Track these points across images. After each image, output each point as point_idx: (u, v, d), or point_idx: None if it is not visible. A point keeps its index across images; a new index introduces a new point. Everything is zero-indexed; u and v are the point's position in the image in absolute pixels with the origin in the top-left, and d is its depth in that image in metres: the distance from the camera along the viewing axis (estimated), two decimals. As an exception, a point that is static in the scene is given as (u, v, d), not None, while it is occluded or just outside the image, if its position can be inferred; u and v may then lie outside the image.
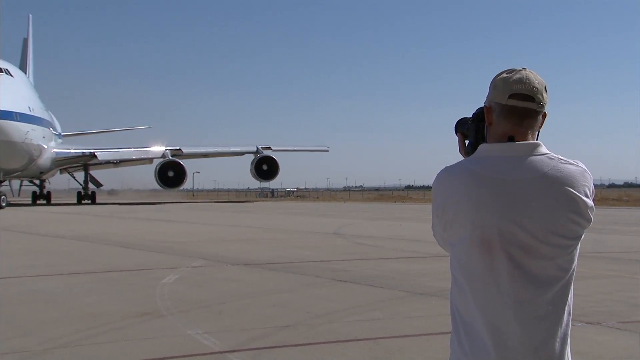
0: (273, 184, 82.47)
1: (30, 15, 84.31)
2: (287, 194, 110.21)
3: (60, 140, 72.69)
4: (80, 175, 67.88)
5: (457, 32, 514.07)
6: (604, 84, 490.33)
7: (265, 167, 55.87)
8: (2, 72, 44.99)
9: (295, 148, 75.74)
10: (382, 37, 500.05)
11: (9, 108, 42.92)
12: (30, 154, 48.19)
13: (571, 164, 2.48)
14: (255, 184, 62.43)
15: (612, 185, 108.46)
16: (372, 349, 7.31)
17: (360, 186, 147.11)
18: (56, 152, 54.48)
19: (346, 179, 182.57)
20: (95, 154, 55.20)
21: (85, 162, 59.12)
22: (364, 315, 9.16)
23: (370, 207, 54.65)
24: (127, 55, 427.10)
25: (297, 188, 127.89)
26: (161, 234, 24.65)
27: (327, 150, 74.20)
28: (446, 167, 2.61)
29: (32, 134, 46.15)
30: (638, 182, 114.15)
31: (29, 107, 45.89)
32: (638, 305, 9.42)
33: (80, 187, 65.27)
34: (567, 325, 2.47)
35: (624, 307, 9.59)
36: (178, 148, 64.02)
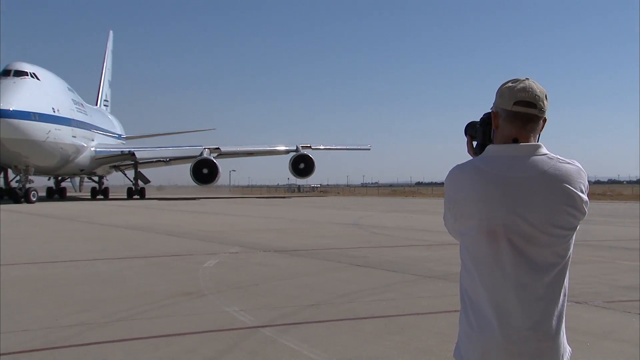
0: (307, 180, 74.48)
1: (111, 32, 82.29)
2: (312, 190, 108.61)
3: (120, 141, 71.14)
4: (131, 173, 65.25)
5: (465, 45, 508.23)
6: (589, 88, 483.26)
7: (302, 165, 52.48)
8: (28, 75, 43.18)
9: (336, 147, 68.04)
10: (397, 49, 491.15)
11: (24, 108, 40.74)
12: (59, 152, 45.96)
13: (568, 163, 2.52)
14: (283, 180, 59.86)
15: (597, 182, 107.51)
16: (386, 325, 7.31)
17: (376, 183, 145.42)
18: (95, 151, 52.29)
19: (363, 176, 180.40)
20: (134, 152, 53.30)
21: (122, 160, 56.55)
22: (379, 295, 9.23)
23: (385, 201, 54.22)
24: (187, 66, 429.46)
25: (320, 184, 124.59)
26: (203, 224, 24.74)
27: (369, 149, 67.22)
28: (457, 165, 2.65)
29: (55, 133, 43.85)
30: (620, 179, 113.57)
31: (53, 109, 43.50)
32: (621, 287, 9.48)
33: (131, 183, 62.98)
34: (562, 305, 2.51)
35: (609, 288, 9.66)
36: (217, 147, 61.06)
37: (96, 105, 73.94)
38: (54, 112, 43.43)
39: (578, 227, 2.52)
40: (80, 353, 6.29)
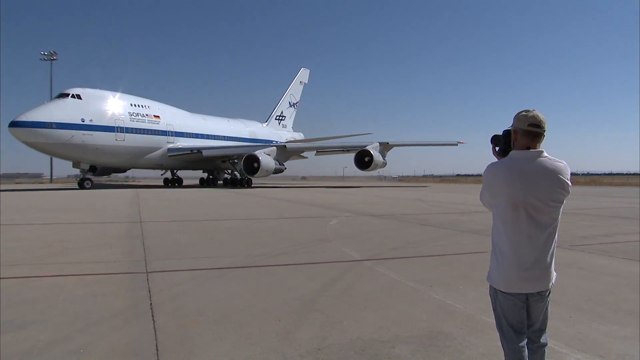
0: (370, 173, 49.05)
1: (302, 69, 67.87)
2: (393, 179, 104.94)
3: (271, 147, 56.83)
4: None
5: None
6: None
7: (367, 159, 39.91)
8: (69, 96, 34.87)
9: (422, 142, 49.37)
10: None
11: (39, 119, 32.73)
12: (97, 152, 35.80)
13: (560, 162, 2.59)
14: (358, 171, 42.40)
15: (588, 174, 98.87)
16: (439, 260, 7.35)
17: (431, 175, 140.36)
18: (168, 149, 41.01)
19: (414, 170, 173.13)
20: (202, 150, 41.70)
21: (193, 156, 42.33)
22: (435, 242, 9.24)
23: (436, 186, 52.62)
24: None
25: (399, 175, 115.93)
26: (327, 200, 24.78)
27: (457, 145, 46.57)
28: (492, 163, 2.69)
29: (82, 137, 34.41)
30: (599, 172, 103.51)
31: (83, 119, 34.42)
32: (579, 237, 9.17)
33: (237, 175, 43.92)
34: (554, 248, 2.62)
35: (571, 238, 9.67)
36: (387, 142, 43.33)
37: (266, 120, 61.40)
38: (83, 121, 34.42)
39: (564, 202, 2.65)
40: (262, 271, 6.56)
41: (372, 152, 40.28)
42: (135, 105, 39.80)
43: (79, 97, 35.62)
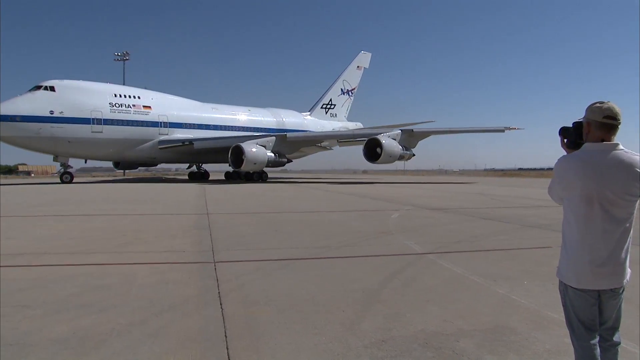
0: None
1: (362, 52, 59.32)
2: (454, 172, 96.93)
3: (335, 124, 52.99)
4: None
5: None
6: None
7: (379, 149, 33.24)
8: (41, 88, 33.57)
9: (455, 129, 40.80)
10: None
11: (6, 113, 31.60)
12: (69, 145, 33.88)
13: (636, 155, 2.50)
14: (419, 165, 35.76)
15: None
16: (503, 254, 7.27)
17: (492, 168, 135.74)
18: (159, 141, 38.28)
19: (475, 164, 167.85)
20: (193, 142, 38.62)
21: (184, 148, 38.85)
22: (497, 237, 9.12)
23: (497, 180, 51.10)
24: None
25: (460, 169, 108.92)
26: (387, 193, 24.71)
27: (503, 131, 37.17)
28: (565, 155, 2.63)
29: (50, 130, 32.80)
30: None
31: (52, 111, 32.95)
32: None
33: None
34: (629, 243, 2.54)
35: None
36: (411, 129, 37.55)
37: (310, 109, 55.16)
38: (52, 114, 33.00)
39: None
40: (326, 262, 6.69)
41: (382, 141, 33.45)
42: (120, 96, 37.42)
43: (52, 89, 34.31)
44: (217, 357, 3.40)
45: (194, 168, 46.93)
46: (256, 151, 35.06)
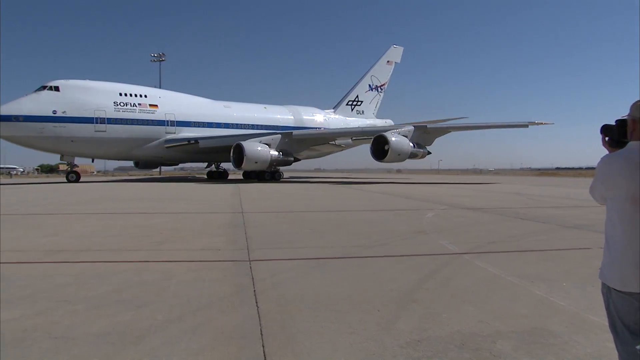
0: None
1: (392, 46, 55.88)
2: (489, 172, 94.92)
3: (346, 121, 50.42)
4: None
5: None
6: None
7: (387, 147, 31.62)
8: (45, 88, 33.85)
9: (473, 125, 38.84)
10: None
11: (6, 113, 31.86)
12: (72, 144, 34.06)
13: None
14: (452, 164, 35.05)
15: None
16: (540, 255, 7.13)
17: (529, 167, 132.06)
18: (165, 140, 37.89)
19: (511, 163, 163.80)
20: (199, 141, 37.76)
21: (190, 147, 38.15)
22: (535, 237, 8.97)
23: (533, 179, 50.03)
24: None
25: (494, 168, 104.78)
26: (420, 192, 24.61)
27: (527, 126, 35.35)
28: (608, 154, 2.52)
29: (53, 130, 33.09)
30: None
31: (55, 111, 33.23)
32: None
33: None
34: None
35: None
36: (425, 124, 36.57)
37: (334, 106, 53.38)
38: (54, 113, 33.12)
39: None
40: (361, 261, 6.69)
41: (389, 138, 31.86)
42: (125, 95, 37.26)
43: (56, 89, 34.43)
44: (253, 354, 3.43)
45: (213, 167, 46.52)
46: (257, 150, 34.10)
